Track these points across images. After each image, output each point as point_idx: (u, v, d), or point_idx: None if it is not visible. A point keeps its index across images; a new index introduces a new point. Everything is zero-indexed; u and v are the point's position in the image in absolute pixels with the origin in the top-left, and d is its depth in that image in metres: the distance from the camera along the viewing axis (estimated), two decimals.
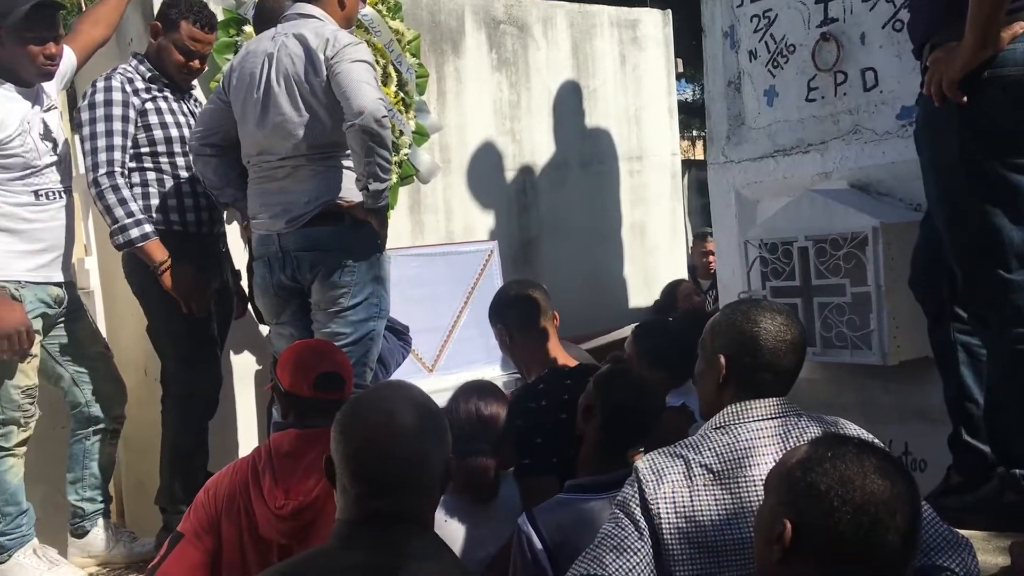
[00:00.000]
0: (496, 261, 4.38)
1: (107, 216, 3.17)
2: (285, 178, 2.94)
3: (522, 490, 2.55)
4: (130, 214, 3.14)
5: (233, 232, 3.62)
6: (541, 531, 2.17)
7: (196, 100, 3.52)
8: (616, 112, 5.22)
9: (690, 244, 6.47)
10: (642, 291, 5.28)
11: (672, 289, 5.19)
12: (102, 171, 3.17)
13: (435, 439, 1.49)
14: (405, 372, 3.93)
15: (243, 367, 3.85)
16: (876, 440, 1.76)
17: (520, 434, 2.58)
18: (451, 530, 2.47)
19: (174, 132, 3.33)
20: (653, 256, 5.37)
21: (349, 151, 2.85)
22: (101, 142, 3.19)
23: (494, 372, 4.09)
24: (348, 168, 2.93)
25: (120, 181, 3.17)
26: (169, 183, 3.32)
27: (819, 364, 3.12)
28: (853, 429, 1.81)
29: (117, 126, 3.22)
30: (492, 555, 2.45)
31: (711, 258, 5.41)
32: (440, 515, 2.51)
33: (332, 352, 2.53)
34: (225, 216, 3.53)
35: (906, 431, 2.99)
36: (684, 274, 5.55)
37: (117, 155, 3.20)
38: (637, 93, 5.32)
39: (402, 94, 4.23)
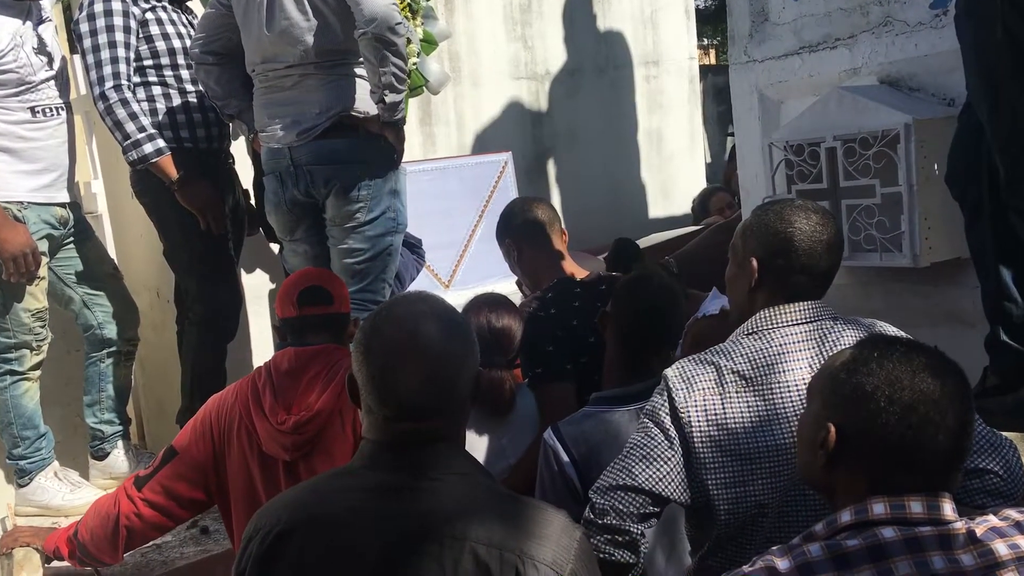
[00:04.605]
0: (510, 172, 4.27)
1: (117, 132, 3.06)
2: (293, 87, 2.83)
3: (537, 399, 2.53)
4: (142, 129, 3.04)
5: (238, 148, 3.52)
6: (567, 444, 2.13)
7: (193, 13, 3.38)
8: (631, 14, 5.04)
9: (708, 151, 6.32)
10: (660, 200, 5.18)
11: (705, 198, 4.93)
12: (109, 84, 3.05)
13: (463, 355, 1.40)
14: (421, 287, 3.87)
15: (257, 288, 3.80)
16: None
17: (531, 343, 2.55)
18: (471, 442, 2.45)
19: (176, 43, 3.20)
20: (671, 164, 5.26)
21: (361, 59, 2.73)
22: (105, 54, 3.07)
23: (510, 286, 4.01)
24: (361, 77, 2.82)
25: (128, 95, 3.06)
26: (176, 98, 3.20)
27: (847, 268, 3.03)
28: (892, 331, 1.74)
29: (120, 37, 3.09)
30: (512, 465, 2.44)
31: None
32: None
33: (319, 272, 2.50)
34: (232, 131, 3.43)
35: (936, 335, 2.91)
36: (702, 182, 5.43)
37: (123, 67, 3.08)
38: None
39: (409, 0, 4.07)
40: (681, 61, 5.25)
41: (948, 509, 1.17)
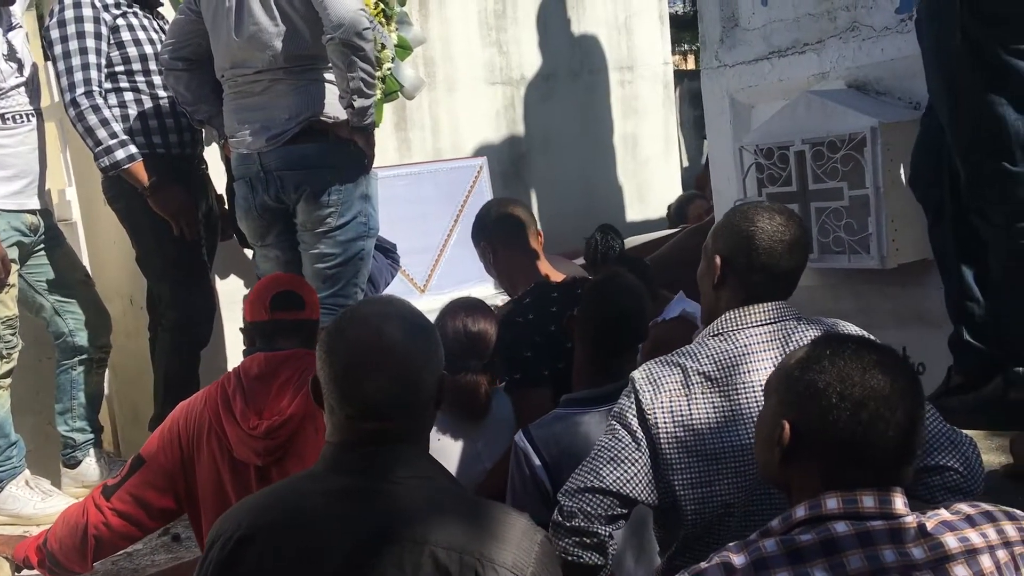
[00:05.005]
0: (485, 177, 4.28)
1: (89, 138, 3.06)
2: (262, 92, 2.83)
3: (514, 404, 2.53)
4: (114, 135, 3.03)
5: (212, 153, 3.51)
6: (538, 447, 2.14)
7: (165, 20, 3.37)
8: (605, 19, 5.06)
9: (685, 155, 6.35)
10: (635, 204, 5.20)
11: (683, 204, 4.96)
12: (80, 91, 3.04)
13: (427, 356, 1.41)
14: (396, 293, 3.88)
15: (231, 293, 3.78)
16: (875, 341, 1.71)
17: (508, 348, 2.55)
18: (445, 447, 2.47)
19: (148, 49, 3.20)
20: (646, 168, 5.28)
21: (331, 64, 2.74)
22: (76, 60, 3.06)
23: (487, 290, 4.03)
24: (330, 82, 2.82)
25: (100, 101, 3.06)
26: (148, 104, 3.20)
27: (816, 270, 3.07)
28: (853, 330, 1.76)
29: (91, 43, 3.08)
30: (488, 470, 2.44)
31: None
32: (433, 433, 2.48)
33: (290, 277, 2.50)
34: (205, 136, 3.42)
35: (904, 335, 2.94)
36: (678, 186, 5.45)
37: (94, 74, 3.07)
38: (627, 0, 5.15)
39: (383, 5, 4.07)
40: (656, 66, 5.28)
41: (899, 503, 1.19)
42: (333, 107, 2.81)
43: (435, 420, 2.42)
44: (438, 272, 4.11)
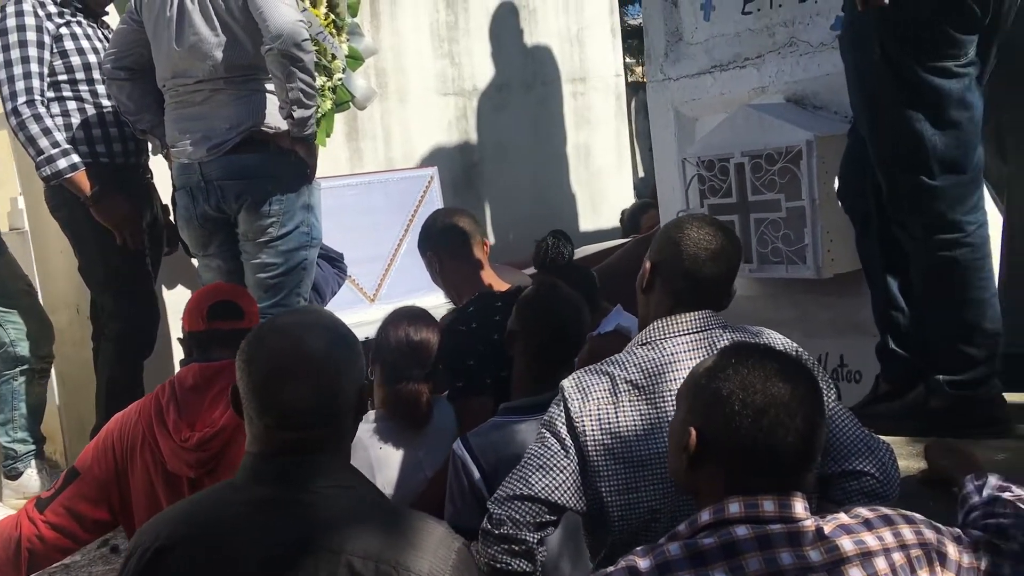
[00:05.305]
0: (436, 187, 4.29)
1: (30, 148, 3.04)
2: (203, 102, 2.83)
3: (457, 413, 2.54)
4: (55, 144, 3.01)
5: (159, 163, 3.49)
6: (476, 455, 2.16)
7: (109, 28, 3.36)
8: (558, 32, 5.11)
9: (640, 165, 6.41)
10: (589, 214, 5.25)
11: (635, 213, 4.95)
12: (21, 100, 3.03)
13: (347, 365, 1.41)
14: (346, 302, 3.88)
15: (177, 303, 3.74)
16: (800, 349, 1.76)
17: (452, 357, 2.55)
18: (386, 456, 2.47)
19: (92, 58, 3.19)
20: (599, 179, 5.33)
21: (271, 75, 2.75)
22: (17, 70, 3.05)
23: (437, 300, 4.02)
24: (271, 92, 2.83)
25: (42, 110, 3.04)
26: (91, 112, 3.18)
27: (757, 280, 3.12)
28: (778, 338, 1.80)
29: (33, 52, 3.07)
30: (429, 478, 2.44)
31: None
32: (375, 441, 2.51)
33: (230, 287, 2.50)
34: (151, 147, 3.41)
35: (842, 344, 3.02)
36: (630, 196, 5.51)
37: (36, 83, 3.06)
38: (579, 12, 5.21)
39: (333, 16, 4.09)
40: (608, 78, 5.34)
41: (799, 508, 1.22)
42: (274, 117, 2.81)
43: (376, 429, 2.48)
44: (388, 281, 4.11)
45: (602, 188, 5.34)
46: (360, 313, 3.73)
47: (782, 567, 1.16)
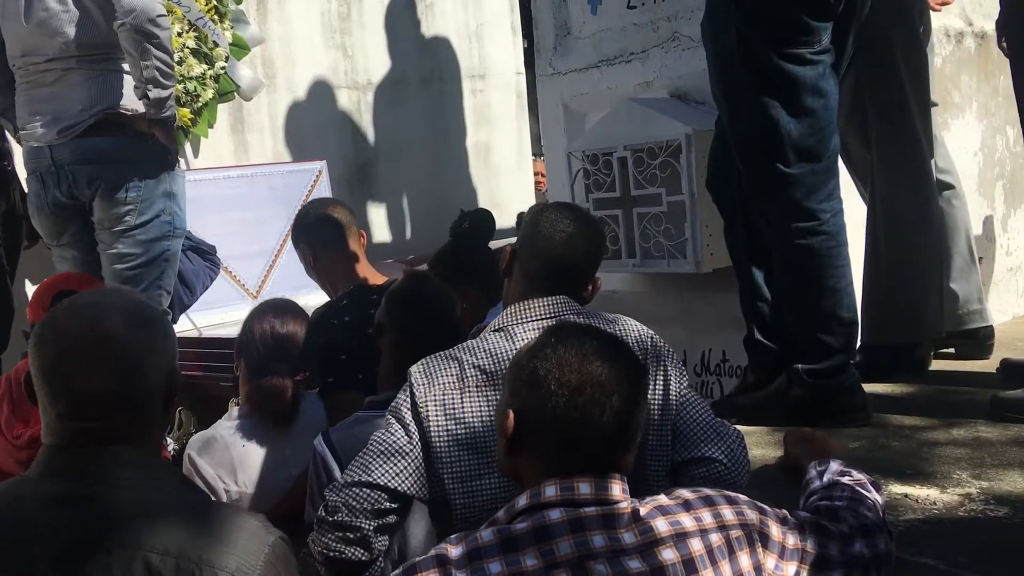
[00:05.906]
0: (325, 181, 4.18)
1: None
2: (55, 83, 2.69)
3: (327, 409, 2.46)
4: None
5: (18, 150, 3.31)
6: (336, 450, 2.08)
7: None
8: (456, 28, 5.05)
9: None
10: None
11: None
12: None
13: (150, 348, 1.31)
14: (227, 298, 3.74)
15: None
16: (655, 336, 1.73)
17: (322, 352, 2.48)
18: (249, 454, 2.39)
19: None
20: (498, 177, 5.28)
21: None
22: None
23: (324, 296, 3.93)
24: (128, 73, 2.69)
25: None
26: None
27: (642, 276, 3.11)
28: (634, 325, 1.77)
29: None
30: (296, 476, 2.36)
31: (542, 179, 5.30)
32: (237, 440, 2.41)
33: (78, 276, 2.39)
34: (8, 135, 3.22)
35: (724, 340, 3.02)
36: (531, 194, 5.48)
37: None
38: (478, 9, 5.16)
39: (215, 1, 3.95)
40: (508, 76, 5.30)
41: (617, 490, 1.18)
42: (131, 99, 2.68)
43: (240, 425, 2.37)
44: (272, 277, 3.98)
45: (501, 186, 5.29)
46: (242, 309, 3.59)
47: (593, 550, 1.13)
